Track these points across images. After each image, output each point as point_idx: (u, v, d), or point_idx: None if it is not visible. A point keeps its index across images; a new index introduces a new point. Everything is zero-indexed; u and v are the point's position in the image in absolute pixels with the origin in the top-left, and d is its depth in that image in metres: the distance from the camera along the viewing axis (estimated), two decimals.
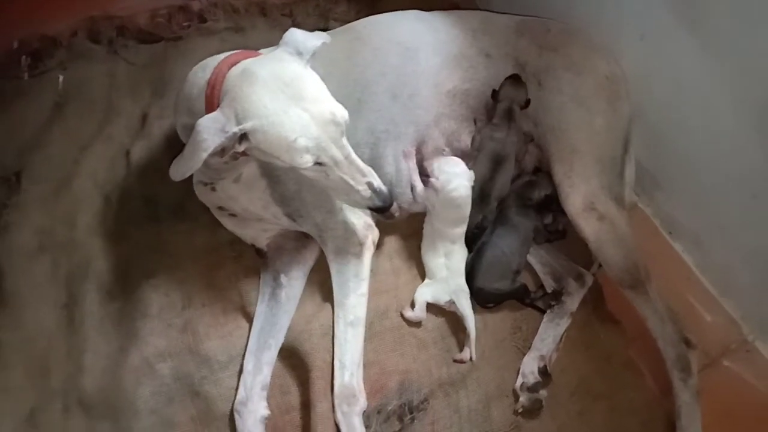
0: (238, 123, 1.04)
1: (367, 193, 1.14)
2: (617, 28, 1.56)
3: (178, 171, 1.08)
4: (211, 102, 1.11)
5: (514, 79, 1.49)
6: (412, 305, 1.42)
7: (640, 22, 1.49)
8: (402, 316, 1.41)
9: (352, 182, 1.13)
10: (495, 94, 1.50)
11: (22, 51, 1.81)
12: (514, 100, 1.48)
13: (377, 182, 1.15)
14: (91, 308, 1.41)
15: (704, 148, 1.47)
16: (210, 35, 1.91)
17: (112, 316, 1.41)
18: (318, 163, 1.10)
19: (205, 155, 1.03)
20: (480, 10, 1.79)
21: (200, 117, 1.08)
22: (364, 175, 1.14)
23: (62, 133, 1.69)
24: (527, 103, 1.48)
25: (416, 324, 1.42)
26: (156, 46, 1.89)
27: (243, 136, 1.06)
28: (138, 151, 1.62)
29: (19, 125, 1.70)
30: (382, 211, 1.19)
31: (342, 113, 1.09)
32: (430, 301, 1.42)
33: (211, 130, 1.03)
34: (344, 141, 1.11)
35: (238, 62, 1.12)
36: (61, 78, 1.77)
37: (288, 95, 1.06)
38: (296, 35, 1.14)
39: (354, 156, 1.13)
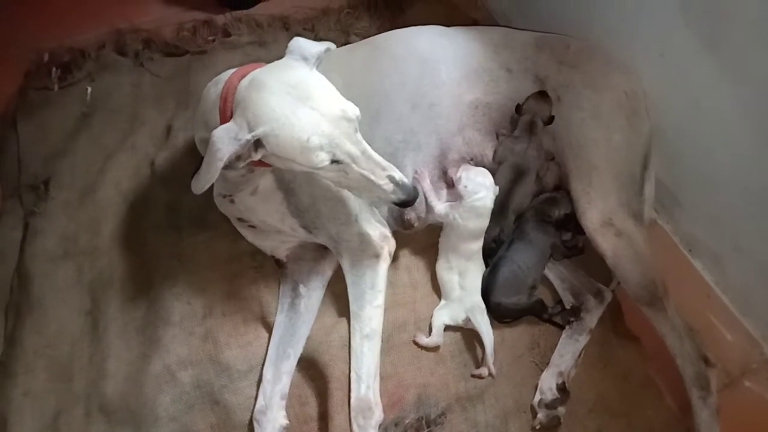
0: (251, 130, 1.06)
1: (389, 186, 1.12)
2: (637, 46, 1.56)
3: (199, 184, 1.10)
4: (225, 114, 1.13)
5: (540, 95, 1.50)
6: (430, 330, 1.42)
7: (659, 40, 1.50)
8: (417, 344, 1.41)
9: (372, 177, 1.11)
10: (519, 107, 1.51)
11: (52, 63, 1.86)
12: (537, 114, 1.49)
13: (398, 175, 1.13)
14: (114, 315, 1.44)
15: (723, 167, 1.46)
16: (233, 49, 1.95)
17: (135, 324, 1.43)
18: (335, 162, 1.09)
19: (221, 164, 1.05)
20: (500, 26, 1.81)
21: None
22: (383, 168, 1.12)
23: (88, 143, 1.73)
24: (551, 119, 1.49)
25: (434, 348, 1.41)
26: (181, 59, 1.94)
27: (258, 143, 1.08)
28: (162, 162, 1.66)
29: (47, 134, 1.74)
30: (407, 204, 1.16)
31: (353, 109, 1.09)
32: (448, 323, 1.42)
33: (225, 140, 1.05)
34: (358, 136, 1.11)
35: (247, 74, 1.14)
36: (89, 89, 1.82)
37: (294, 97, 1.07)
38: (300, 43, 1.16)
39: (371, 151, 1.12)
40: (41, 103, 1.80)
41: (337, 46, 1.31)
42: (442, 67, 1.51)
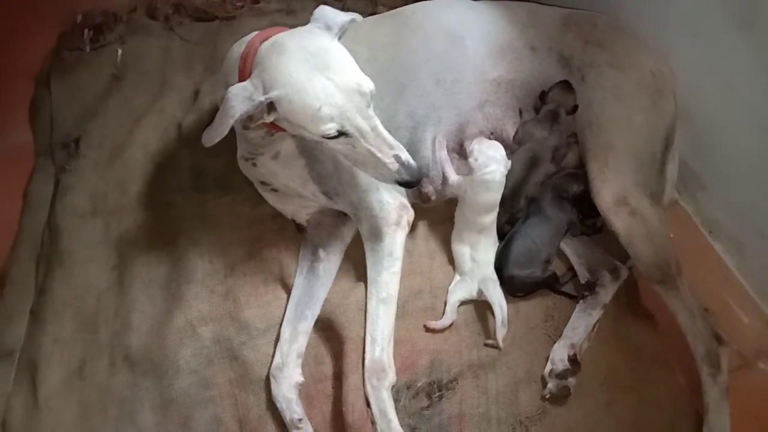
0: (265, 92, 1.07)
1: (395, 166, 1.13)
2: (669, 25, 1.54)
3: (209, 137, 1.13)
4: (243, 73, 1.15)
5: (565, 84, 1.49)
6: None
7: (693, 20, 1.47)
8: (432, 329, 1.41)
9: (379, 155, 1.12)
10: (543, 95, 1.50)
11: (84, 25, 1.90)
12: (562, 104, 1.49)
13: (405, 155, 1.13)
14: (139, 271, 1.49)
15: (751, 152, 1.44)
16: (262, 16, 1.96)
17: (159, 280, 1.47)
18: (344, 134, 1.10)
19: (231, 121, 1.07)
20: (529, 0, 1.79)
21: None
22: (391, 147, 1.12)
23: (118, 104, 1.77)
24: (575, 108, 1.48)
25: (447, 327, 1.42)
26: (210, 24, 1.96)
27: (271, 106, 1.09)
28: (189, 125, 1.69)
29: (79, 94, 1.79)
30: (410, 185, 1.17)
31: (368, 84, 1.10)
32: (463, 298, 1.43)
33: (239, 98, 1.07)
34: (370, 112, 1.11)
35: (270, 37, 1.16)
36: (119, 51, 1.86)
37: (312, 65, 1.08)
38: (325, 11, 1.17)
39: (381, 128, 1.12)
40: (74, 64, 1.84)
41: (364, 16, 1.32)
42: (468, 44, 1.51)
